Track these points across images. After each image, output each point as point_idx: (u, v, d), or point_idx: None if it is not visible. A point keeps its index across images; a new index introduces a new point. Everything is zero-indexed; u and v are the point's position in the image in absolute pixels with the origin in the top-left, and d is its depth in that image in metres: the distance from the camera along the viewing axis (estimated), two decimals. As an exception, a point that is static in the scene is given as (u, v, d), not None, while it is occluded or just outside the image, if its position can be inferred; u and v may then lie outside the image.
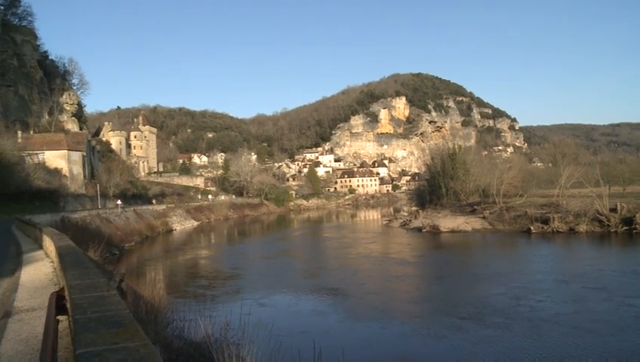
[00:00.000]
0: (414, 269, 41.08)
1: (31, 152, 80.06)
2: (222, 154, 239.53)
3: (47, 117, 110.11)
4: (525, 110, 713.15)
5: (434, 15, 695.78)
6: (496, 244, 54.16)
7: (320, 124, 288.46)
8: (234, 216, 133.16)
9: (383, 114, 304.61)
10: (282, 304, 29.02)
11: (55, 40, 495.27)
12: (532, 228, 58.25)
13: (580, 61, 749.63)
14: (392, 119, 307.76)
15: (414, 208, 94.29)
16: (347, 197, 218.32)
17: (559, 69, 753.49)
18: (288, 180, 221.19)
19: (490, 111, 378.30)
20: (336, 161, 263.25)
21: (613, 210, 55.12)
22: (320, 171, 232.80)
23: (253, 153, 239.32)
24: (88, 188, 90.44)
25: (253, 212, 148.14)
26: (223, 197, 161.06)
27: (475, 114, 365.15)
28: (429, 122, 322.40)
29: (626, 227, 52.52)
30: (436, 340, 21.07)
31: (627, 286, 29.52)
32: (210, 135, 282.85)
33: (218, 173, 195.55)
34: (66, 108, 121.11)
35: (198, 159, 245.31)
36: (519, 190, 71.83)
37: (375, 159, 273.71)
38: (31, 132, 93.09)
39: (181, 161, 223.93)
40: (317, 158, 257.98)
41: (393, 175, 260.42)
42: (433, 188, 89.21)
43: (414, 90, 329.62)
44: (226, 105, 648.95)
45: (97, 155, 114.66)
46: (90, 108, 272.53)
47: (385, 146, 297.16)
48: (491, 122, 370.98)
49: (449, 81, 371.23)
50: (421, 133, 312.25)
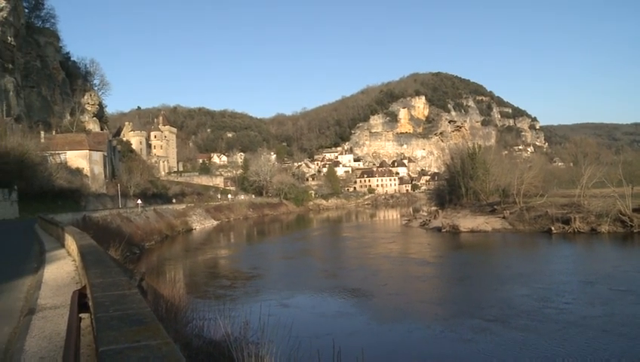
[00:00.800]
0: (435, 270, 40.73)
1: (53, 152, 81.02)
2: (241, 153, 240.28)
3: (69, 117, 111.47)
4: (546, 109, 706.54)
5: (453, 14, 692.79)
6: (516, 244, 53.61)
7: (339, 124, 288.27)
8: (253, 216, 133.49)
9: (403, 113, 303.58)
10: (302, 304, 28.79)
11: (77, 41, 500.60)
12: (553, 228, 57.61)
13: (602, 59, 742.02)
14: (412, 119, 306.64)
15: (434, 208, 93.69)
16: (366, 196, 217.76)
17: (581, 68, 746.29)
18: (307, 180, 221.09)
19: (510, 110, 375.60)
20: (355, 161, 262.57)
21: (636, 210, 54.28)
22: (339, 171, 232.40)
23: (272, 153, 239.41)
24: (109, 187, 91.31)
25: (272, 211, 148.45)
26: (243, 196, 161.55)
27: (495, 113, 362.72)
28: (449, 122, 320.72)
29: (650, 228, 51.81)
30: (462, 343, 20.58)
31: (654, 288, 28.89)
32: (229, 135, 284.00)
33: (237, 173, 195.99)
34: (88, 108, 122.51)
35: (218, 159, 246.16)
36: (540, 190, 71.10)
37: (394, 159, 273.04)
38: (53, 132, 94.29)
39: (201, 161, 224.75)
40: (336, 158, 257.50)
41: (412, 175, 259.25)
42: (453, 187, 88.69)
43: (434, 90, 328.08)
44: (246, 105, 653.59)
45: (118, 155, 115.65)
46: (110, 108, 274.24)
47: (404, 146, 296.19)
48: (511, 121, 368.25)
49: (469, 81, 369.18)
50: (441, 133, 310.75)
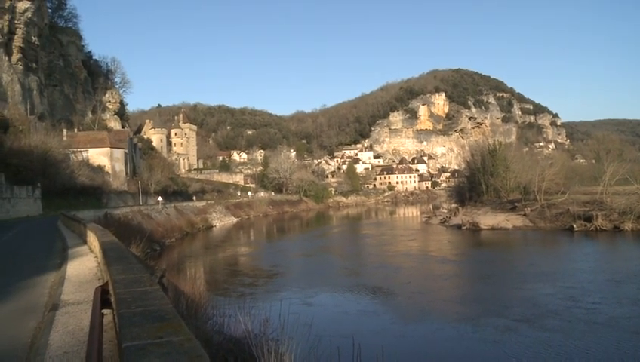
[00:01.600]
0: (457, 268, 40.33)
1: (75, 150, 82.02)
2: (261, 151, 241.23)
3: (90, 115, 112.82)
4: (567, 105, 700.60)
5: (473, 10, 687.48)
6: (538, 242, 53.07)
7: (359, 121, 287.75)
8: (273, 213, 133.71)
9: (423, 110, 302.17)
10: (322, 302, 28.64)
11: (98, 40, 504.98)
12: (575, 225, 57.02)
13: (626, 54, 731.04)
14: (432, 115, 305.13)
15: (454, 205, 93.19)
16: (386, 194, 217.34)
17: (603, 63, 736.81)
18: (327, 177, 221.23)
19: (531, 107, 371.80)
20: (375, 158, 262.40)
21: (661, 208, 53.62)
22: (359, 168, 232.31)
23: (292, 150, 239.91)
24: (130, 184, 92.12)
25: (292, 208, 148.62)
26: (263, 193, 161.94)
27: (516, 110, 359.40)
28: (469, 118, 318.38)
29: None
30: (489, 344, 20.04)
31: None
32: (249, 132, 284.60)
33: (257, 170, 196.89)
34: (109, 106, 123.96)
35: (238, 156, 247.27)
36: (561, 187, 70.45)
37: (414, 156, 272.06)
38: (75, 130, 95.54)
39: (221, 158, 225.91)
40: (356, 155, 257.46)
41: (432, 172, 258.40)
42: (473, 185, 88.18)
43: (454, 86, 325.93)
44: (265, 102, 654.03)
45: (139, 153, 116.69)
46: (131, 106, 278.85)
47: (424, 143, 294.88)
48: (532, 118, 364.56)
49: (489, 77, 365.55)
50: (461, 130, 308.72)
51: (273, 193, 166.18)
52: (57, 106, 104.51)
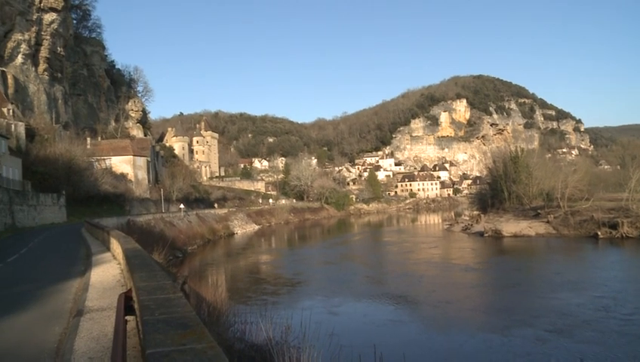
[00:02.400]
0: (482, 276, 39.83)
1: (99, 158, 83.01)
2: (282, 158, 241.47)
3: (113, 123, 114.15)
4: (591, 111, 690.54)
5: (494, 16, 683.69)
6: (562, 250, 52.31)
7: (380, 128, 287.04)
8: (294, 220, 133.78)
9: (444, 117, 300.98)
10: (344, 310, 28.23)
11: (121, 49, 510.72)
12: (599, 233, 56.09)
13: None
14: (453, 122, 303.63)
15: (476, 212, 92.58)
16: (408, 201, 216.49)
17: (627, 67, 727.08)
18: (348, 184, 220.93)
19: (553, 112, 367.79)
20: (396, 165, 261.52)
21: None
22: (380, 175, 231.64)
23: (313, 157, 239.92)
24: (152, 192, 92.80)
25: (313, 216, 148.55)
26: (284, 201, 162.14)
27: (538, 116, 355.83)
28: (491, 125, 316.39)
29: None
30: (522, 356, 19.11)
31: None
32: (270, 140, 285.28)
33: (279, 178, 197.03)
34: (132, 114, 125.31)
35: (259, 163, 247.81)
36: (585, 194, 69.60)
37: (436, 163, 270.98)
38: (99, 138, 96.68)
39: (242, 166, 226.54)
40: (377, 162, 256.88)
41: (454, 179, 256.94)
42: (495, 191, 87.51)
43: (475, 93, 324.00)
44: (286, 110, 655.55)
45: (161, 160, 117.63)
46: (154, 114, 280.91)
47: (446, 150, 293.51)
48: (555, 124, 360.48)
49: (511, 83, 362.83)
50: (482, 136, 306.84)
51: (294, 200, 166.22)
52: (81, 115, 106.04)
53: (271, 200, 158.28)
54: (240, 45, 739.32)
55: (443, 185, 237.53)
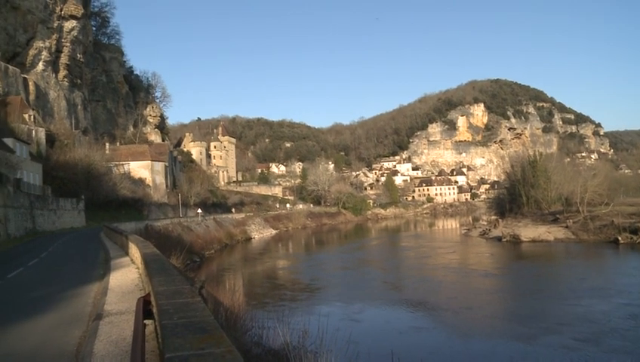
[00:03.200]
0: (502, 281, 39.31)
1: (117, 163, 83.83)
2: (299, 163, 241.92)
3: (131, 129, 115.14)
4: (611, 114, 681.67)
5: (511, 19, 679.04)
6: (582, 255, 51.66)
7: (397, 133, 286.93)
8: (312, 225, 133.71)
9: (461, 121, 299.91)
10: (362, 316, 27.95)
11: (139, 55, 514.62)
12: (620, 238, 55.21)
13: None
14: (471, 126, 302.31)
15: (494, 217, 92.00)
16: (425, 206, 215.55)
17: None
18: (366, 189, 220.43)
19: (572, 116, 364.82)
20: (413, 170, 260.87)
21: None
22: (397, 180, 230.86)
23: (330, 162, 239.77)
24: (170, 197, 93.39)
25: (330, 221, 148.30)
26: (301, 206, 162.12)
27: (557, 120, 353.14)
28: (509, 129, 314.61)
29: None
30: None
31: None
32: (287, 144, 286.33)
33: (296, 182, 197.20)
34: (150, 120, 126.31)
35: (276, 168, 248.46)
36: (605, 198, 68.75)
37: (453, 167, 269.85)
38: (117, 143, 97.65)
39: (259, 171, 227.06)
40: (394, 167, 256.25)
41: (472, 183, 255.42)
42: (513, 196, 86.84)
43: (493, 97, 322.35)
44: (304, 115, 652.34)
45: (179, 165, 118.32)
46: (171, 119, 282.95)
47: (463, 154, 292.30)
48: (574, 128, 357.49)
49: (529, 87, 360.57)
50: (500, 141, 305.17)
51: (312, 205, 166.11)
52: (100, 121, 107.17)
53: (288, 205, 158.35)
54: (257, 52, 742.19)
55: (460, 189, 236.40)
